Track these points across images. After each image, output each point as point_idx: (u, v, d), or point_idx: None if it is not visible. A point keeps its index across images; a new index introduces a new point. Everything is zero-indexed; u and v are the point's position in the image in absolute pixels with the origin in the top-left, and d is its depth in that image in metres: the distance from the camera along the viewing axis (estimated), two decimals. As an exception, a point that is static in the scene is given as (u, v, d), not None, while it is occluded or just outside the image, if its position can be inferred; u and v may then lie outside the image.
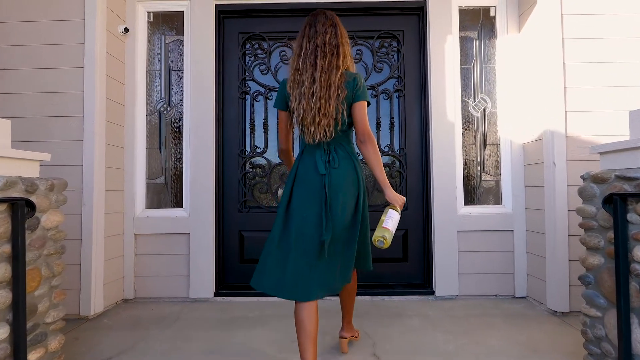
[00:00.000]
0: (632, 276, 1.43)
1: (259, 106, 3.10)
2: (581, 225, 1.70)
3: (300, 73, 1.63)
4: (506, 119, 2.98)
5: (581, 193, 1.70)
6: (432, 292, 2.90)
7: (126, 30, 2.90)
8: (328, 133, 1.62)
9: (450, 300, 2.85)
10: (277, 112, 1.80)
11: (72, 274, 2.48)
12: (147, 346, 2.10)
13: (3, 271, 1.39)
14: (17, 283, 1.42)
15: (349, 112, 1.64)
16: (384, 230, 1.54)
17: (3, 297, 1.39)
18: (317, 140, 1.63)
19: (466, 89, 3.05)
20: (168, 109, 3.08)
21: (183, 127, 3.01)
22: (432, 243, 2.92)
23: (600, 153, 1.70)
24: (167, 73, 3.09)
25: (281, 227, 1.64)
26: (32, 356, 1.53)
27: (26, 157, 1.60)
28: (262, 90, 3.09)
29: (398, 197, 1.67)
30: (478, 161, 3.05)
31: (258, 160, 3.09)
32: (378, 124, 3.07)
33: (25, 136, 2.52)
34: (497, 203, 3.01)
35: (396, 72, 3.08)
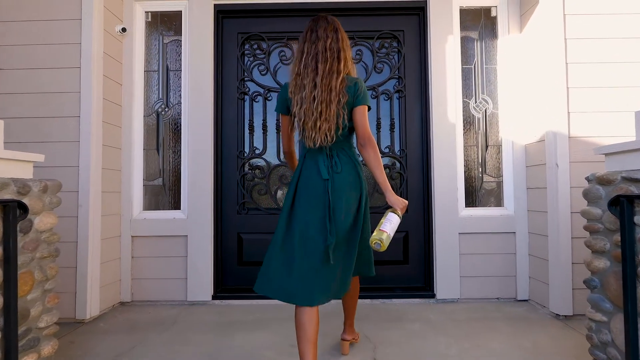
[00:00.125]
0: (640, 280, 1.40)
1: (258, 107, 3.07)
2: (586, 227, 1.67)
3: (301, 78, 1.64)
4: (508, 120, 2.96)
5: (586, 195, 1.67)
6: (433, 295, 2.86)
7: (124, 30, 2.87)
8: (329, 137, 1.62)
9: (451, 303, 2.81)
10: (280, 116, 1.80)
11: (68, 277, 2.45)
12: (144, 350, 2.08)
13: (-6, 275, 1.36)
14: (9, 287, 1.38)
15: (350, 117, 1.65)
16: (381, 233, 1.53)
17: (-6, 302, 1.36)
18: (318, 144, 1.63)
19: (467, 90, 3.02)
20: (166, 110, 3.05)
21: (181, 128, 2.97)
22: (433, 245, 2.89)
23: (605, 154, 1.67)
24: (165, 73, 3.06)
25: (284, 231, 1.64)
26: (24, 362, 1.49)
27: (19, 158, 1.57)
28: (261, 90, 3.06)
29: (399, 201, 1.65)
30: (479, 162, 3.02)
31: (257, 161, 3.06)
32: (378, 125, 3.04)
33: (21, 137, 2.49)
34: (499, 205, 2.97)
35: (396, 73, 3.05)
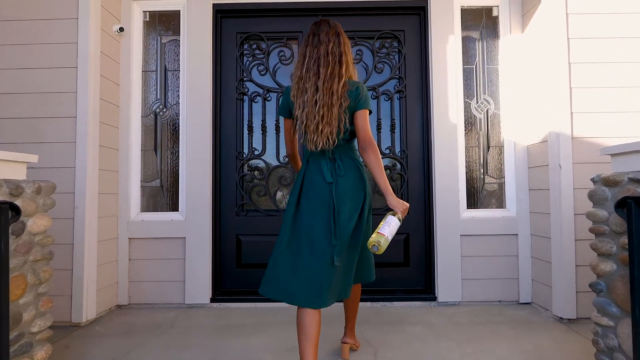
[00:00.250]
0: (648, 284, 1.36)
1: (257, 107, 3.04)
2: (592, 230, 1.63)
3: (304, 81, 1.65)
4: (510, 121, 2.92)
5: (592, 196, 1.63)
6: (435, 298, 2.83)
7: (121, 29, 2.83)
8: (331, 141, 1.63)
9: (453, 306, 2.78)
10: (282, 120, 1.80)
11: (64, 280, 2.41)
12: (141, 354, 2.04)
13: (-15, 279, 1.32)
14: (0, 291, 1.35)
15: (352, 120, 1.66)
16: (380, 236, 1.51)
17: (-16, 306, 1.32)
18: (320, 147, 1.64)
19: (469, 90, 2.99)
20: (164, 110, 3.01)
21: (179, 129, 2.94)
22: (434, 247, 2.85)
23: (611, 155, 1.63)
24: (164, 73, 3.02)
25: (289, 235, 1.65)
26: (17, 368, 1.46)
27: (11, 159, 1.53)
28: (260, 91, 3.03)
29: (400, 204, 1.63)
30: (481, 163, 2.99)
31: (256, 162, 3.02)
32: (379, 126, 3.01)
33: (16, 137, 2.45)
34: (501, 206, 2.94)
35: (397, 73, 3.02)
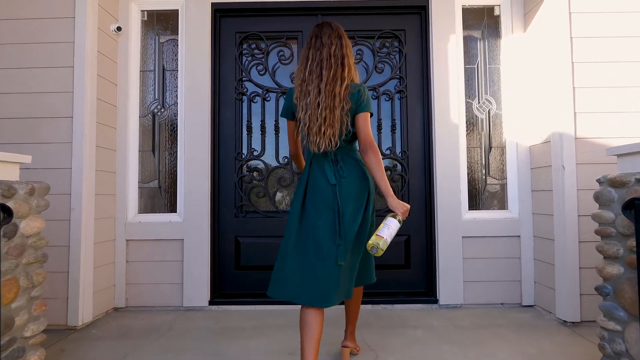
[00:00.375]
0: (656, 287, 1.33)
1: (256, 107, 3.00)
2: (598, 232, 1.60)
3: (306, 84, 1.67)
4: (512, 121, 2.89)
5: (598, 198, 1.59)
6: (436, 301, 2.79)
7: (119, 29, 2.80)
8: (333, 142, 1.64)
9: (454, 309, 2.74)
10: (285, 122, 1.85)
11: (59, 282, 2.37)
12: (138, 357, 2.01)
13: (-25, 282, 1.29)
14: (-9, 295, 1.32)
15: (353, 123, 1.68)
16: (379, 238, 1.51)
17: (-25, 311, 1.29)
18: (322, 149, 1.65)
19: (470, 90, 2.96)
20: (162, 110, 2.98)
21: (177, 129, 2.90)
22: (436, 249, 2.82)
23: (618, 155, 1.60)
24: (162, 73, 2.99)
25: (296, 236, 1.66)
26: (8, 374, 1.42)
27: (3, 159, 1.49)
28: (260, 91, 3.00)
29: (400, 205, 1.63)
30: (483, 164, 2.95)
31: (255, 163, 2.99)
32: (379, 126, 2.97)
33: (11, 138, 2.42)
34: (503, 208, 2.90)
35: (398, 73, 2.99)
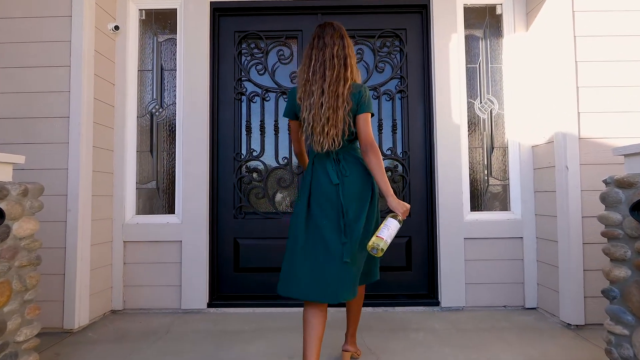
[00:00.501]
0: (665, 291, 1.29)
1: (256, 107, 2.97)
2: (604, 234, 1.56)
3: (310, 84, 1.67)
4: (514, 121, 2.85)
5: (604, 199, 1.56)
6: (438, 303, 2.75)
7: (117, 28, 2.77)
8: (336, 142, 1.65)
9: (456, 311, 2.70)
10: (288, 122, 1.85)
11: (55, 285, 2.33)
12: (134, 362, 1.97)
13: (-35, 286, 1.25)
14: (-18, 299, 1.28)
15: (355, 123, 1.68)
16: (379, 239, 1.51)
17: (-35, 315, 1.25)
18: (326, 149, 1.66)
19: (472, 90, 2.93)
20: (160, 110, 2.94)
21: (176, 129, 2.87)
22: (437, 251, 2.78)
23: (625, 155, 1.56)
24: (160, 73, 2.96)
25: (304, 236, 1.66)
26: (0, 379, 1.39)
27: (-4, 160, 1.46)
28: (259, 91, 2.96)
29: (400, 205, 1.62)
30: (485, 165, 2.92)
31: (254, 164, 2.95)
32: (380, 127, 2.94)
33: (6, 138, 2.39)
34: (505, 209, 2.87)
35: (398, 73, 2.95)
